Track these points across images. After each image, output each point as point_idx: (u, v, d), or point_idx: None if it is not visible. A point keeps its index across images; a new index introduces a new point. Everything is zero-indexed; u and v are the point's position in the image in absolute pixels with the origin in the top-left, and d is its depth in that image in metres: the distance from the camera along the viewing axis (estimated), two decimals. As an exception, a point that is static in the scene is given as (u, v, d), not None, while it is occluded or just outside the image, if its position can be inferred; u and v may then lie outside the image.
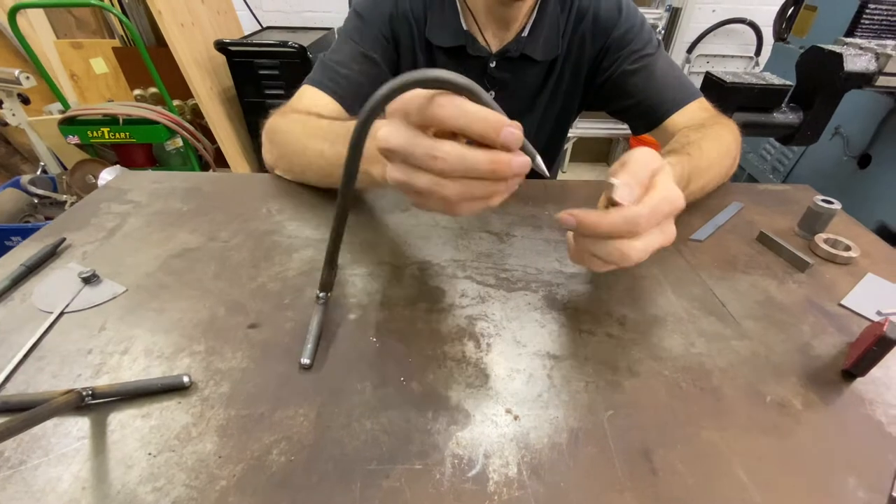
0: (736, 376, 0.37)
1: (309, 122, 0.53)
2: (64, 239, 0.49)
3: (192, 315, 0.41)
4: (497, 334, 0.40)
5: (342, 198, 0.33)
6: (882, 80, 1.29)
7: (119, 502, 0.28)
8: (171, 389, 0.34)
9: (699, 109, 0.68)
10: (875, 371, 0.37)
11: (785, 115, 1.51)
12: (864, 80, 1.30)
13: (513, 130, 0.28)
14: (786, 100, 1.49)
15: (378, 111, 0.28)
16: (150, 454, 0.30)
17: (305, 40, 1.94)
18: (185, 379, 0.34)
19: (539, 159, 0.32)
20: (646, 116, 0.71)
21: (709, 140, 0.57)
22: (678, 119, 0.68)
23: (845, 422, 0.35)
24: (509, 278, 0.46)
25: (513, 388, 0.35)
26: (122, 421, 0.32)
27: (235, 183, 0.61)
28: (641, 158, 0.36)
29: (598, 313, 0.43)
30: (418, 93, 0.28)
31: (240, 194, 0.58)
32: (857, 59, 1.30)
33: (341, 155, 0.32)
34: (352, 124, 0.30)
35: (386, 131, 0.30)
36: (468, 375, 0.36)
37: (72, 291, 0.43)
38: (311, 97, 0.62)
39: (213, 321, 0.40)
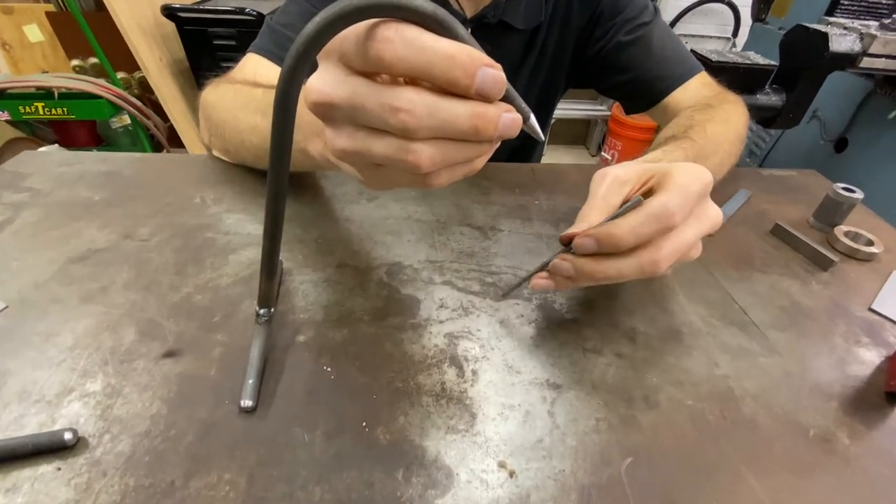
0: (770, 403, 0.31)
1: (241, 91, 0.44)
2: (-69, 238, 0.38)
3: (91, 340, 0.31)
4: (484, 357, 0.32)
5: (273, 178, 0.24)
6: (866, 62, 1.26)
7: None
8: (50, 450, 0.25)
9: (702, 85, 0.61)
10: (926, 393, 0.32)
11: (768, 97, 1.47)
12: (848, 61, 1.27)
13: (492, 71, 0.19)
14: (769, 81, 1.46)
15: (309, 56, 0.19)
16: (6, 551, 0.22)
17: (265, 7, 1.77)
18: (69, 436, 0.25)
19: (533, 119, 0.24)
20: (643, 94, 0.63)
21: (715, 123, 0.50)
22: (679, 97, 0.61)
23: (901, 459, 0.29)
24: (497, 283, 0.39)
25: (506, 432, 0.28)
26: (-26, 499, 0.23)
27: (165, 166, 0.51)
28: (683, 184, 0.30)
29: (604, 326, 0.36)
30: (356, 26, 0.19)
31: (168, 180, 0.48)
32: (842, 39, 1.26)
33: None
34: None
35: (319, 80, 0.21)
36: (449, 416, 0.28)
37: (-71, 310, 0.33)
38: (253, 66, 0.52)
39: (118, 348, 0.31)
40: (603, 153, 2.29)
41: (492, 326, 0.35)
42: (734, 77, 1.39)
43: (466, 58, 0.19)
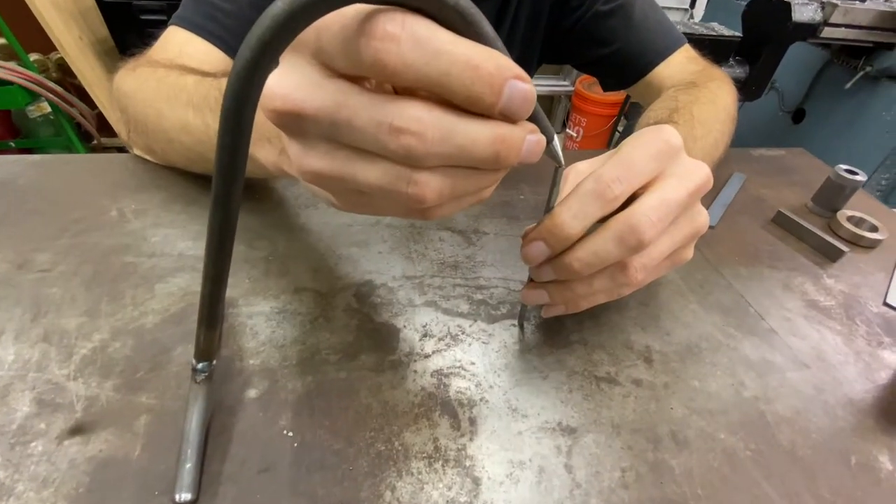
0: (807, 428, 0.27)
1: (166, 78, 0.35)
2: None
3: (-35, 418, 0.24)
4: (482, 399, 0.27)
5: (218, 212, 0.17)
6: (827, 32, 1.26)
7: None
8: None
9: (687, 60, 0.57)
10: (964, 401, 0.29)
11: (732, 70, 1.46)
12: (809, 31, 1.27)
13: (522, 85, 0.15)
14: (733, 53, 1.45)
15: (274, 51, 0.13)
16: None
17: (199, -21, 1.60)
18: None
19: (556, 141, 0.21)
20: (623, 69, 0.58)
21: (702, 103, 0.45)
22: (663, 72, 0.56)
23: (953, 484, 0.26)
24: (487, 300, 0.33)
25: (519, 500, 0.23)
26: None
27: (74, 170, 0.42)
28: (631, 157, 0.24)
29: (615, 345, 0.31)
30: (340, 14, 0.14)
31: (77, 188, 0.39)
32: (804, 9, 1.25)
33: (212, 128, 0.21)
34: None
35: (284, 81, 0.15)
36: (447, 484, 0.23)
37: None
38: (179, 43, 0.42)
39: (8, 426, 0.23)
40: (567, 130, 2.25)
41: (487, 357, 0.29)
42: (700, 50, 1.37)
43: (494, 68, 0.14)
